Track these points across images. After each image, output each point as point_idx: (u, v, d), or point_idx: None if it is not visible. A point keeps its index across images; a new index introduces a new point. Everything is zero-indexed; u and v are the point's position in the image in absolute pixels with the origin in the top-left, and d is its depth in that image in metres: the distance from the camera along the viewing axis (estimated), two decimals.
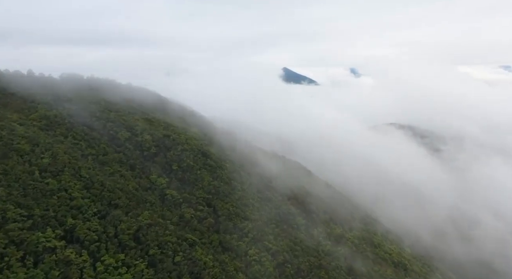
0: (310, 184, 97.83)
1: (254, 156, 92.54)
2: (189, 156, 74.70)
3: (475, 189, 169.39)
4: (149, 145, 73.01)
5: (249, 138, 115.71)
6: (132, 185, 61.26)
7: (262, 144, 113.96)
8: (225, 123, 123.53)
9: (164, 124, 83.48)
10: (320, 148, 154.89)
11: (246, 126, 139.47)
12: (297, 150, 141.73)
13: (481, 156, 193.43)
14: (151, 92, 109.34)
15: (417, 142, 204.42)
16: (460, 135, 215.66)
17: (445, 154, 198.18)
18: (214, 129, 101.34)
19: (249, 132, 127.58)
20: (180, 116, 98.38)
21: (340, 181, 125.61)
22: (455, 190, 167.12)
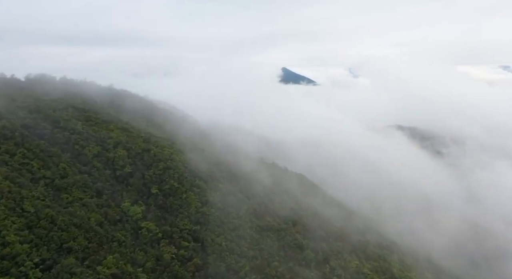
0: (315, 201, 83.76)
1: (252, 171, 78.16)
2: (173, 175, 60.25)
3: (483, 195, 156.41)
4: (123, 163, 58.54)
5: (246, 146, 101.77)
6: (95, 219, 46.90)
7: (259, 151, 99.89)
8: (219, 129, 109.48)
9: (145, 135, 68.96)
10: (319, 152, 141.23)
11: (243, 131, 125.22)
12: (296, 156, 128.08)
13: (486, 160, 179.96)
14: (136, 96, 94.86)
15: (418, 145, 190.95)
16: (461, 136, 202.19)
17: (448, 157, 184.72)
18: (207, 138, 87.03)
19: (246, 138, 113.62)
20: (168, 124, 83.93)
21: (341, 187, 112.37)
22: (463, 197, 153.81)
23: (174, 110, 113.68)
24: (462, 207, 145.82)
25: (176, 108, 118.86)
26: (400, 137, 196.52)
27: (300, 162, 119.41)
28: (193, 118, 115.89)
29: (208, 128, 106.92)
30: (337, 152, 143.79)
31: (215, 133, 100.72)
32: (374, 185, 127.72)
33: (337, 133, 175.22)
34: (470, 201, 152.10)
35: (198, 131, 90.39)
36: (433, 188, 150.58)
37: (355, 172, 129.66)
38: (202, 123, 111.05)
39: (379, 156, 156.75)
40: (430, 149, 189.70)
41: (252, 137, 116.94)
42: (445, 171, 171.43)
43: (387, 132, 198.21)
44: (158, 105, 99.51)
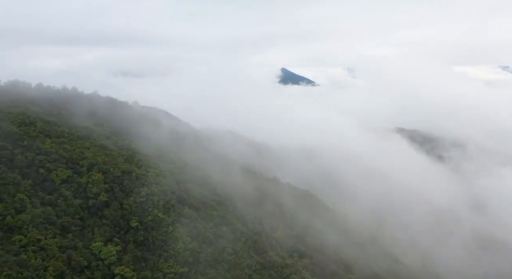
0: (322, 223, 73.76)
1: (251, 191, 68.26)
2: (158, 203, 50.27)
3: (490, 204, 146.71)
4: (97, 190, 48.49)
5: (243, 157, 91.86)
6: (54, 268, 37.00)
7: (258, 163, 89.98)
8: (214, 137, 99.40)
9: (128, 153, 58.91)
10: (317, 159, 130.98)
11: (240, 139, 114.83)
12: (294, 163, 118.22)
13: (489, 165, 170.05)
14: (123, 104, 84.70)
15: (418, 148, 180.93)
16: (462, 139, 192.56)
17: (450, 162, 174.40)
18: (200, 152, 77.04)
19: (242, 149, 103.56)
20: (156, 137, 73.87)
21: (341, 196, 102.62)
22: (469, 205, 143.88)
23: (167, 116, 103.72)
24: (469, 217, 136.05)
25: (169, 115, 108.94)
26: (401, 141, 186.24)
27: (299, 171, 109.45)
28: (187, 125, 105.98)
29: (202, 137, 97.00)
30: (336, 159, 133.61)
31: (210, 143, 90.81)
32: (376, 194, 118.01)
33: (336, 138, 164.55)
34: (477, 210, 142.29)
35: (191, 143, 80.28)
36: (437, 196, 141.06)
37: (356, 180, 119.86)
38: (196, 132, 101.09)
39: (380, 162, 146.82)
40: (431, 153, 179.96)
41: (249, 147, 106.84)
42: (448, 177, 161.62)
43: (387, 136, 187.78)
44: (148, 113, 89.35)
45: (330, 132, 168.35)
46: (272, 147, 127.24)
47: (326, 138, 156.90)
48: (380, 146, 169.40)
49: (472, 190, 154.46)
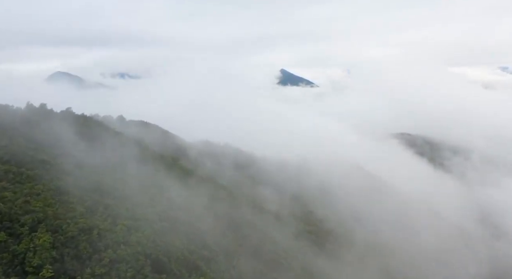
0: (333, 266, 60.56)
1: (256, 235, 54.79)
2: (125, 274, 36.78)
3: (497, 216, 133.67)
4: (40, 261, 34.96)
5: (242, 179, 78.48)
6: None
7: (260, 195, 76.33)
8: (206, 153, 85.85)
9: (92, 198, 45.17)
10: (313, 170, 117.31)
11: (239, 154, 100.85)
12: (290, 175, 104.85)
13: (493, 174, 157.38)
14: (100, 124, 70.82)
15: (419, 155, 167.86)
16: (463, 146, 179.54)
17: (453, 170, 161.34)
18: (195, 184, 63.42)
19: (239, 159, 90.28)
20: (138, 165, 60.17)
21: (340, 213, 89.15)
22: (476, 218, 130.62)
23: (155, 132, 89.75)
24: (478, 233, 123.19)
25: (158, 129, 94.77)
26: (402, 148, 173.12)
27: (298, 183, 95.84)
28: (178, 141, 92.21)
29: (196, 157, 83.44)
30: (334, 168, 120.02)
31: (204, 167, 77.30)
32: (377, 207, 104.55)
33: (335, 147, 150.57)
34: (483, 224, 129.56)
35: (181, 170, 66.63)
36: (442, 206, 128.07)
37: (357, 192, 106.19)
38: (189, 150, 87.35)
39: (380, 172, 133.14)
40: (433, 161, 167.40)
41: (252, 166, 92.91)
42: (454, 188, 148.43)
43: (387, 142, 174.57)
44: (132, 133, 75.22)
45: (328, 140, 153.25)
46: (272, 160, 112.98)
47: (327, 148, 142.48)
48: (381, 154, 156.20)
49: (478, 202, 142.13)
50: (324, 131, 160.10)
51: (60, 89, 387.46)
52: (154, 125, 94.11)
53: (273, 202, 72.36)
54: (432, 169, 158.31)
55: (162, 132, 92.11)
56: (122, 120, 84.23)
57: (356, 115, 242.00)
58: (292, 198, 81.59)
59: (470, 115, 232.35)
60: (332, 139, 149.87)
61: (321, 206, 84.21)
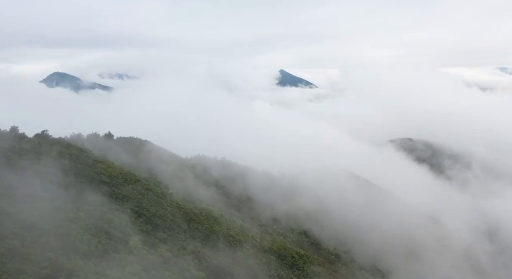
0: None
1: None
2: None
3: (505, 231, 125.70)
4: None
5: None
6: None
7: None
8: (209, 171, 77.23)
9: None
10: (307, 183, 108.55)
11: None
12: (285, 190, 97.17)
13: (497, 183, 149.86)
14: (81, 152, 62.99)
15: (416, 160, 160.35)
16: (462, 152, 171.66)
17: (452, 178, 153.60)
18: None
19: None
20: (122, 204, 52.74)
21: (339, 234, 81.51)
22: (484, 233, 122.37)
23: (145, 147, 78.93)
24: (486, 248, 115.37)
25: (150, 145, 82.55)
26: (402, 154, 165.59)
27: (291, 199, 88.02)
28: (172, 157, 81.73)
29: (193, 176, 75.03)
30: (331, 179, 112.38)
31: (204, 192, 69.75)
32: (380, 224, 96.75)
33: (332, 152, 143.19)
34: (491, 240, 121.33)
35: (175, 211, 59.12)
36: (448, 220, 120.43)
37: (356, 208, 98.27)
38: (187, 169, 76.88)
39: (381, 181, 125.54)
40: (433, 167, 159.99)
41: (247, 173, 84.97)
42: (456, 198, 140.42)
43: (387, 148, 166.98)
44: (118, 155, 66.65)
45: (325, 148, 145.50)
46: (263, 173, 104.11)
47: (324, 156, 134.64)
48: (380, 162, 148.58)
49: (482, 213, 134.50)
50: (321, 138, 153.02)
51: (56, 91, 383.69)
52: (146, 141, 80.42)
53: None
54: (433, 178, 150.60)
55: (155, 149, 79.86)
56: (110, 138, 72.29)
57: (353, 119, 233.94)
58: (284, 216, 74.16)
59: (469, 120, 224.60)
60: (329, 147, 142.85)
61: (317, 225, 76.92)
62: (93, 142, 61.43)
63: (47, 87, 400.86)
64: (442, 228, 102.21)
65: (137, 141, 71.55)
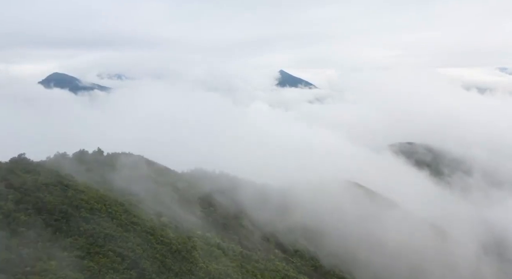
0: None
1: None
2: None
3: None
4: None
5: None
6: None
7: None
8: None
9: None
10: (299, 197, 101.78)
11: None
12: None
13: (497, 190, 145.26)
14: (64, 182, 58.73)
15: (416, 166, 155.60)
16: (463, 157, 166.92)
17: (453, 185, 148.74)
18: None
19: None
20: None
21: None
22: (491, 244, 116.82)
23: (139, 165, 72.77)
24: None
25: (144, 161, 76.06)
26: (402, 160, 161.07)
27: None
28: (166, 175, 75.36)
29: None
30: (330, 189, 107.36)
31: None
32: (381, 239, 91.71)
33: (330, 159, 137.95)
34: (498, 253, 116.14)
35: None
36: (453, 230, 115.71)
37: (356, 221, 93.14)
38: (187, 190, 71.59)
39: (382, 189, 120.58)
40: (433, 174, 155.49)
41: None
42: (459, 207, 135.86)
43: (386, 153, 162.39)
44: (100, 172, 61.82)
45: (324, 155, 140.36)
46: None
47: (322, 164, 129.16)
48: (380, 168, 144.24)
49: (486, 221, 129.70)
50: (320, 144, 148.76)
51: (54, 92, 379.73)
52: (138, 156, 74.82)
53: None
54: (435, 184, 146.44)
55: (147, 163, 74.39)
56: (100, 154, 67.24)
57: (351, 122, 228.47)
58: (280, 233, 70.08)
59: (470, 123, 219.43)
60: (328, 153, 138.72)
61: (317, 242, 72.97)
62: (79, 159, 57.89)
63: (44, 88, 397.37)
64: (448, 242, 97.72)
65: (128, 157, 67.68)
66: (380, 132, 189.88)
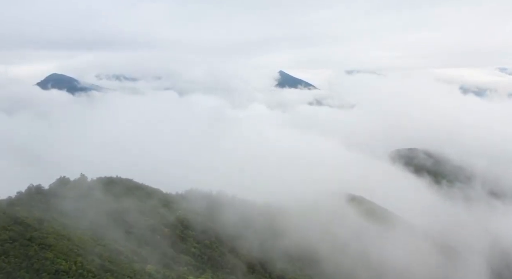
0: None
1: None
2: None
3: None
4: None
5: None
6: None
7: None
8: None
9: None
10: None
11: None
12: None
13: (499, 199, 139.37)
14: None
15: (415, 173, 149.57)
16: (464, 163, 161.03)
17: (454, 194, 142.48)
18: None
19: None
20: None
21: None
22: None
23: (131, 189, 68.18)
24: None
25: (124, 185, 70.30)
26: (402, 168, 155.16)
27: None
28: (159, 195, 70.85)
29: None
30: (327, 203, 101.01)
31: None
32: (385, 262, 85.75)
33: (327, 168, 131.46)
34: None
35: None
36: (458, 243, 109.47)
37: (357, 240, 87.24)
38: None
39: (383, 200, 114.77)
40: (434, 182, 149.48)
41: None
42: (461, 217, 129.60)
43: (386, 161, 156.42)
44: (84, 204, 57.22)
45: (320, 164, 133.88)
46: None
47: (318, 174, 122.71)
48: (380, 178, 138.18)
49: (490, 232, 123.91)
50: (316, 152, 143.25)
51: (51, 94, 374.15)
52: (126, 181, 69.78)
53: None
54: (435, 194, 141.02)
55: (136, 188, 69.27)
56: (84, 181, 62.17)
57: (348, 127, 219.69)
58: (269, 260, 65.08)
59: (470, 128, 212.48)
60: (324, 162, 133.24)
61: (306, 271, 68.03)
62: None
63: (41, 89, 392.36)
64: (453, 259, 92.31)
65: (118, 182, 63.18)
66: (378, 138, 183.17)
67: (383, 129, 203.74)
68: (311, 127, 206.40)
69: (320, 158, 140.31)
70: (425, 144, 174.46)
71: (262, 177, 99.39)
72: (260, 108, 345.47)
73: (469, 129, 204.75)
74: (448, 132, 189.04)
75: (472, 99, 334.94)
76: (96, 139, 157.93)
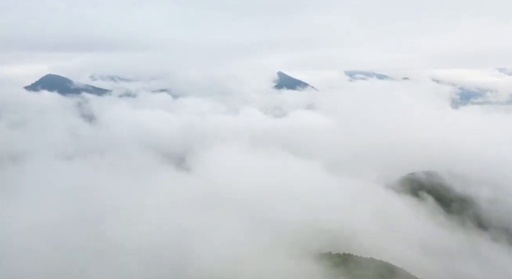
0: None
1: None
2: None
3: None
4: None
5: None
6: None
7: None
8: None
9: None
10: None
11: None
12: None
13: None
14: None
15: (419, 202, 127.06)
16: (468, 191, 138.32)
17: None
18: None
19: None
20: None
21: None
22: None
23: None
24: None
25: None
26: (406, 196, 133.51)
27: None
28: None
29: None
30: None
31: None
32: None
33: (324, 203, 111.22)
34: None
35: None
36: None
37: None
38: None
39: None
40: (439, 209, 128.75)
41: None
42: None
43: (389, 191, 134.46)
44: None
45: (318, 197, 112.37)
46: None
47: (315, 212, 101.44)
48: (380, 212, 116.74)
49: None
50: (300, 178, 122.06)
51: (40, 96, 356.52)
52: None
53: None
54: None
55: None
56: None
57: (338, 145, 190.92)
58: None
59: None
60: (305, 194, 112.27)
61: None
62: None
63: (30, 91, 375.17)
64: None
65: None
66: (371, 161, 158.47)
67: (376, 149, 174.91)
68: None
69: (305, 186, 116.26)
70: (428, 166, 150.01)
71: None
72: (253, 112, 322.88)
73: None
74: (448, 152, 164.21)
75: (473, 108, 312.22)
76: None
